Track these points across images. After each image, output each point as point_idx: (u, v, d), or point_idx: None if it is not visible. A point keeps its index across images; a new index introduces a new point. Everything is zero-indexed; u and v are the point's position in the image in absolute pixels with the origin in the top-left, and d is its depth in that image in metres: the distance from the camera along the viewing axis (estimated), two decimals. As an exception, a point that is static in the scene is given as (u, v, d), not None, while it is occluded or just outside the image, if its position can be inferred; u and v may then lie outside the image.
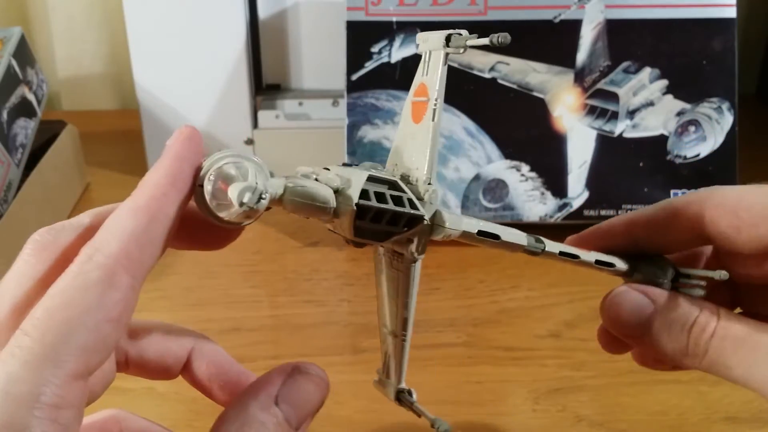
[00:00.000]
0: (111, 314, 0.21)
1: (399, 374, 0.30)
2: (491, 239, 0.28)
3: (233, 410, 0.24)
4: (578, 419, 0.43)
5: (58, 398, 0.19)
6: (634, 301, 0.29)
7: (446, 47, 0.26)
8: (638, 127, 0.61)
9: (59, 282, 0.21)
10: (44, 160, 0.63)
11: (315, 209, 0.25)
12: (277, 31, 0.74)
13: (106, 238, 0.22)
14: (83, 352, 0.20)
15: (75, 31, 0.88)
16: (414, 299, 0.29)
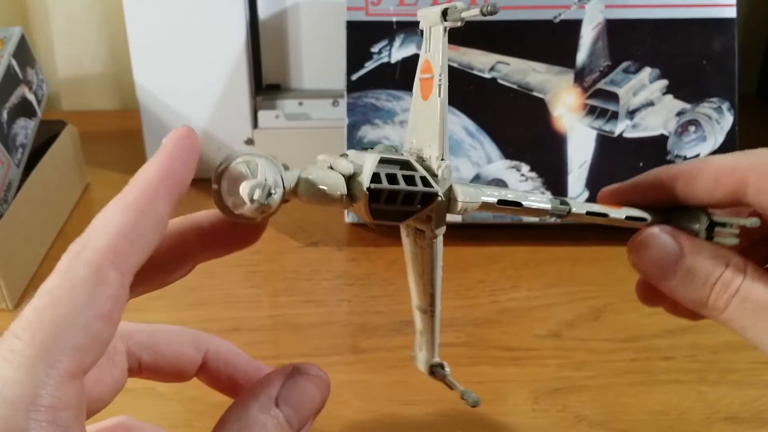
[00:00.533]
0: (101, 311, 0.20)
1: (432, 348, 0.31)
2: (513, 206, 0.28)
3: (234, 412, 0.24)
4: (578, 419, 0.43)
5: (55, 399, 0.19)
6: (663, 244, 0.29)
7: (444, 21, 0.27)
8: (638, 127, 0.61)
9: (47, 281, 0.21)
10: (44, 160, 0.62)
11: (327, 198, 0.25)
12: (277, 31, 0.74)
13: (94, 233, 0.21)
14: (75, 351, 0.20)
15: (75, 31, 0.88)
16: (439, 274, 0.29)
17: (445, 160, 0.27)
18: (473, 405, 0.29)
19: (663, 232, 0.29)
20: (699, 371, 0.47)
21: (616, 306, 0.53)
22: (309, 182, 0.25)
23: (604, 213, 0.30)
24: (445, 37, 0.27)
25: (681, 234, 0.29)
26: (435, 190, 0.26)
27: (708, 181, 0.29)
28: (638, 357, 0.48)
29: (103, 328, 0.20)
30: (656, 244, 0.29)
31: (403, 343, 0.50)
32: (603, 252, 0.60)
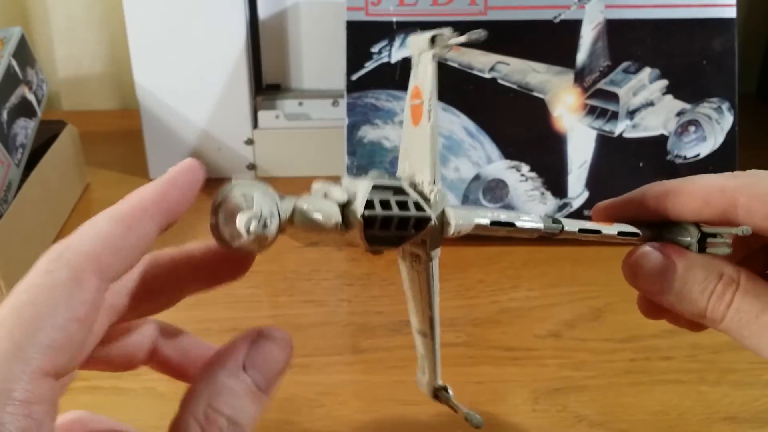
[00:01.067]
0: (77, 314, 0.21)
1: (434, 372, 0.31)
2: (506, 227, 0.29)
3: (202, 382, 0.24)
4: (578, 419, 0.43)
5: (29, 394, 0.19)
6: (655, 262, 0.29)
7: (432, 48, 0.27)
8: (638, 127, 0.61)
9: (27, 278, 0.21)
10: (44, 160, 0.63)
11: (322, 227, 0.25)
12: (277, 31, 0.74)
13: (79, 238, 0.22)
14: (50, 350, 0.20)
15: (75, 31, 0.88)
16: (436, 298, 0.29)
17: (437, 185, 0.27)
18: (477, 426, 0.29)
19: (655, 250, 0.30)
20: (699, 371, 0.47)
21: (616, 306, 0.53)
22: (303, 212, 0.25)
23: (596, 230, 0.31)
24: (434, 64, 0.27)
25: (673, 249, 0.30)
26: (428, 214, 0.27)
27: (696, 202, 0.29)
28: (638, 357, 0.48)
29: (77, 331, 0.21)
30: (649, 262, 0.30)
31: (403, 343, 0.50)
32: (603, 252, 0.60)
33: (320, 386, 0.46)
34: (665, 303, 0.30)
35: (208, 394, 0.23)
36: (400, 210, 0.26)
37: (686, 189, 0.30)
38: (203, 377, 0.24)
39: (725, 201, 0.29)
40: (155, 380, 0.23)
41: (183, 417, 0.23)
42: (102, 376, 0.46)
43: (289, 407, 0.44)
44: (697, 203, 0.29)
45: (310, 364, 0.48)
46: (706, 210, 0.29)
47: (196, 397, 0.23)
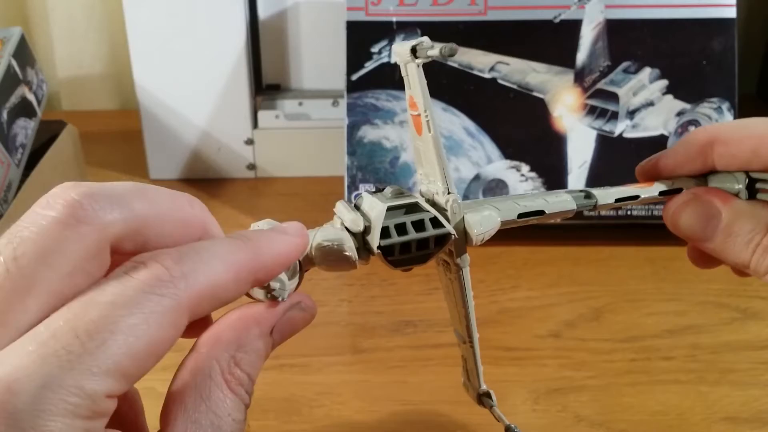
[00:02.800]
0: (159, 351, 0.20)
1: (477, 378, 0.31)
2: (535, 217, 0.28)
3: (233, 330, 0.24)
4: (578, 419, 0.43)
5: (92, 413, 0.19)
6: (700, 207, 0.28)
7: (415, 58, 0.27)
8: (638, 127, 0.61)
9: (124, 287, 0.20)
10: (44, 160, 0.62)
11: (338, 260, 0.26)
12: (277, 31, 0.74)
13: (196, 269, 0.21)
14: (123, 376, 0.19)
15: (75, 31, 0.88)
16: (471, 305, 0.29)
17: (452, 194, 0.27)
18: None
19: (700, 194, 0.29)
20: (699, 371, 0.47)
21: (616, 306, 0.53)
22: (321, 252, 0.26)
23: (635, 195, 0.30)
24: (420, 73, 0.27)
25: (719, 195, 0.28)
26: (446, 230, 0.26)
27: (745, 152, 0.28)
28: (638, 357, 0.48)
29: (150, 366, 0.20)
30: (693, 206, 0.28)
31: (403, 343, 0.50)
32: (603, 252, 0.60)
33: (320, 386, 0.46)
34: (709, 250, 0.29)
35: (236, 345, 0.23)
36: (417, 232, 0.26)
37: (734, 137, 0.28)
38: (236, 325, 0.24)
39: None
40: (155, 380, 0.23)
41: (206, 360, 0.23)
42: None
43: (289, 407, 0.44)
44: (745, 154, 0.28)
45: (310, 364, 0.48)
46: (756, 161, 0.28)
47: (223, 342, 0.23)
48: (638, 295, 0.55)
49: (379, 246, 0.25)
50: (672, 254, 0.59)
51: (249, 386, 0.23)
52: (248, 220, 0.66)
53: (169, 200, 0.23)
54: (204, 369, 0.22)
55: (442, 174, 0.28)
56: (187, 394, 0.22)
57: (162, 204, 0.23)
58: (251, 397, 0.24)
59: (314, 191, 0.71)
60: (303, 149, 0.73)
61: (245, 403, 0.23)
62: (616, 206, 0.30)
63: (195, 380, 0.22)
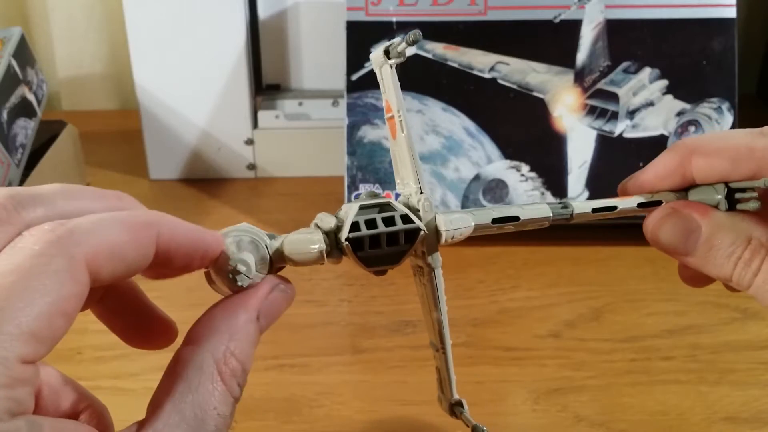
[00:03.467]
0: (66, 308, 0.20)
1: (449, 387, 0.30)
2: (511, 222, 0.28)
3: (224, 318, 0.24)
4: (578, 419, 0.43)
5: (10, 379, 0.19)
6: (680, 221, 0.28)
7: (387, 60, 0.28)
8: (638, 127, 0.61)
9: (18, 255, 0.20)
10: (44, 160, 0.63)
11: (309, 257, 0.26)
12: (277, 31, 0.74)
13: (82, 229, 0.21)
14: (32, 338, 0.19)
15: (75, 31, 0.88)
16: (443, 310, 0.29)
17: (423, 194, 0.28)
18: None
19: (679, 208, 0.28)
20: (699, 371, 0.47)
21: (616, 306, 0.53)
22: (289, 243, 0.26)
23: (612, 206, 0.30)
24: (394, 74, 0.28)
25: (698, 208, 0.28)
26: (416, 225, 0.26)
27: (723, 163, 0.28)
28: (638, 357, 0.48)
29: (62, 326, 0.20)
30: (673, 220, 0.28)
31: (403, 343, 0.50)
32: (603, 252, 0.60)
33: (320, 386, 0.46)
34: (691, 265, 0.28)
35: (229, 335, 0.23)
36: (387, 226, 0.26)
37: (712, 148, 0.28)
38: (225, 314, 0.24)
39: (755, 164, 0.27)
40: (155, 380, 0.23)
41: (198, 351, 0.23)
42: (102, 377, 0.46)
43: (289, 407, 0.44)
44: (724, 165, 0.28)
45: (310, 364, 0.48)
46: (735, 172, 0.28)
47: (216, 333, 0.23)
48: (638, 295, 0.55)
49: (347, 238, 0.26)
50: (672, 254, 0.59)
51: (242, 377, 0.23)
52: (248, 219, 0.66)
53: (96, 197, 0.24)
54: (195, 360, 0.23)
55: (415, 175, 0.28)
56: (176, 385, 0.22)
57: (87, 201, 0.23)
58: (242, 389, 0.24)
59: (314, 191, 0.71)
60: (303, 149, 0.73)
61: (234, 396, 0.23)
62: (593, 217, 0.30)
63: (185, 371, 0.22)
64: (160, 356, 0.24)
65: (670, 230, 0.28)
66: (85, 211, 0.23)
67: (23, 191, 0.22)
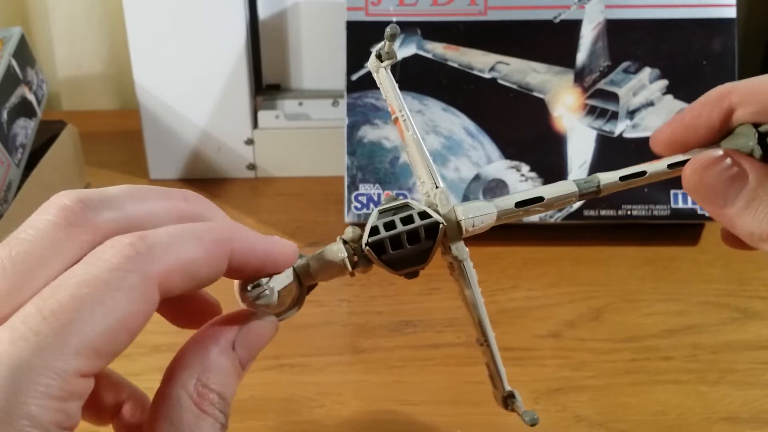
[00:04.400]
0: (132, 326, 0.20)
1: (500, 380, 0.30)
2: (536, 205, 0.28)
3: (194, 354, 0.24)
4: (578, 419, 0.43)
5: (65, 393, 0.19)
6: (724, 168, 0.26)
7: (381, 63, 0.28)
8: (638, 127, 0.61)
9: (92, 266, 0.20)
10: (44, 160, 0.63)
11: (333, 266, 0.26)
12: (277, 31, 0.74)
13: (163, 244, 0.21)
14: (94, 354, 0.19)
15: (75, 31, 0.88)
16: (479, 302, 0.29)
17: (439, 187, 0.27)
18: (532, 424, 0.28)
19: (726, 155, 0.27)
20: (699, 371, 0.47)
21: (616, 306, 0.53)
22: (314, 259, 0.27)
23: (640, 171, 0.28)
24: (389, 75, 0.28)
25: (745, 158, 0.26)
26: (433, 219, 0.26)
27: (762, 94, 0.27)
28: (638, 357, 0.48)
29: (125, 342, 0.20)
30: (719, 166, 0.26)
31: (403, 343, 0.50)
32: (603, 252, 0.60)
33: (320, 386, 0.46)
34: (722, 217, 0.27)
35: (201, 368, 0.23)
36: (405, 225, 0.26)
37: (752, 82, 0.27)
38: (194, 351, 0.24)
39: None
40: (157, 380, 0.23)
41: (172, 389, 0.23)
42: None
43: (289, 407, 0.44)
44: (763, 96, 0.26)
45: (310, 364, 0.48)
46: None
47: (188, 368, 0.23)
48: (638, 295, 0.55)
49: (367, 243, 0.26)
50: (672, 254, 0.59)
51: (222, 405, 0.23)
52: (248, 220, 0.66)
53: (162, 197, 0.24)
54: (172, 397, 0.23)
55: (427, 170, 0.28)
56: (159, 423, 0.22)
57: (154, 202, 0.24)
58: (227, 416, 0.24)
59: (314, 191, 0.71)
60: (303, 149, 0.73)
61: (220, 423, 0.23)
62: (622, 186, 0.28)
63: (165, 408, 0.22)
64: (160, 356, 0.24)
65: (714, 176, 0.27)
66: (153, 214, 0.23)
67: (92, 194, 0.22)
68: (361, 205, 0.61)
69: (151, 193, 0.24)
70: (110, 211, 0.22)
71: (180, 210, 0.24)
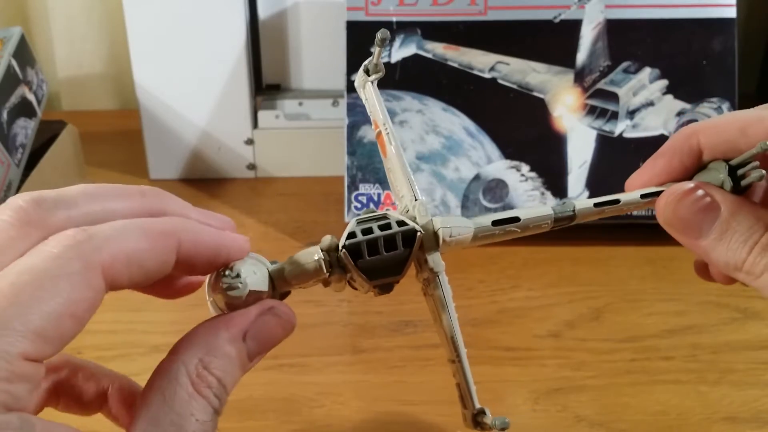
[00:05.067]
0: (76, 311, 0.20)
1: (470, 399, 0.30)
2: (512, 225, 0.28)
3: (203, 334, 0.24)
4: (578, 419, 0.43)
5: (9, 374, 0.19)
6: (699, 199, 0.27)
7: (369, 77, 0.28)
8: (638, 127, 0.61)
9: (34, 256, 0.21)
10: (44, 160, 0.63)
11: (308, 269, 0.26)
12: (277, 31, 0.74)
13: (102, 234, 0.21)
14: (38, 337, 0.20)
15: (75, 31, 0.88)
16: (453, 317, 0.29)
17: (418, 200, 0.28)
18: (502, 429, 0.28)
19: (697, 187, 0.27)
20: (699, 371, 0.47)
21: (616, 306, 0.53)
22: (288, 263, 0.26)
23: (614, 200, 0.29)
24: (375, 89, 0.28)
25: (717, 190, 0.27)
26: (411, 226, 0.26)
27: (733, 133, 0.27)
28: (638, 357, 0.48)
29: (71, 328, 0.21)
30: (692, 197, 0.27)
31: (403, 343, 0.50)
32: (603, 252, 0.60)
33: (320, 386, 0.46)
34: (699, 249, 0.27)
35: (206, 349, 0.24)
36: (382, 231, 0.26)
37: (720, 121, 0.28)
38: (204, 332, 0.24)
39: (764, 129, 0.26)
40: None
41: (173, 364, 0.23)
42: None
43: (289, 407, 0.44)
44: (734, 136, 0.27)
45: (310, 364, 0.48)
46: (743, 140, 0.27)
47: (192, 347, 0.24)
48: (638, 295, 0.55)
49: (344, 245, 0.26)
50: (672, 254, 0.59)
51: (219, 390, 0.23)
52: (248, 220, 0.66)
53: (118, 195, 0.24)
54: (171, 371, 0.23)
55: (407, 184, 0.28)
56: (152, 394, 0.22)
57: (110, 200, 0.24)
58: (223, 402, 0.24)
59: (314, 191, 0.71)
60: (303, 149, 0.73)
61: (213, 407, 0.23)
62: (596, 212, 0.29)
63: (161, 382, 0.23)
64: (160, 357, 0.24)
65: (687, 208, 0.27)
66: (109, 211, 0.23)
67: (47, 194, 0.23)
68: (361, 205, 0.61)
69: (108, 191, 0.24)
70: (64, 210, 0.23)
71: (136, 207, 0.24)
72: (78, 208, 0.23)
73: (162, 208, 0.25)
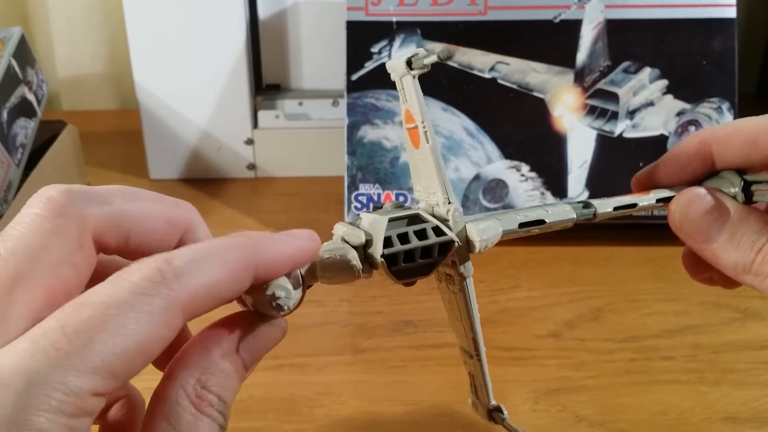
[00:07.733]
0: (150, 350, 0.20)
1: (486, 393, 0.30)
2: (537, 226, 0.28)
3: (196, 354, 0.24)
4: (578, 419, 0.43)
5: (77, 410, 0.19)
6: (710, 203, 0.28)
7: (410, 70, 0.27)
8: (638, 127, 0.61)
9: (116, 288, 0.20)
10: (44, 160, 0.63)
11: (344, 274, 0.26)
12: (277, 31, 0.74)
13: (189, 269, 0.21)
14: (111, 375, 0.19)
15: (75, 31, 0.88)
16: (476, 317, 0.29)
17: (452, 204, 0.27)
18: None
19: (709, 193, 0.28)
20: (699, 371, 0.47)
21: (616, 306, 0.53)
22: (323, 265, 0.26)
23: (632, 203, 0.30)
24: (416, 84, 0.27)
25: (727, 198, 0.28)
26: (449, 237, 0.26)
27: (744, 144, 0.28)
28: (638, 357, 0.48)
29: (141, 366, 0.20)
30: (703, 203, 0.28)
31: (403, 343, 0.50)
32: (603, 252, 0.60)
33: (320, 386, 0.46)
34: (707, 252, 0.28)
35: (201, 369, 0.23)
36: (420, 239, 0.26)
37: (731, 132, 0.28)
38: (196, 351, 0.24)
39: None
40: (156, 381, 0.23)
41: (171, 389, 0.23)
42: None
43: (289, 407, 0.44)
44: (744, 146, 0.28)
45: (310, 364, 0.48)
46: (755, 152, 0.28)
47: (188, 368, 0.23)
48: (638, 295, 0.55)
49: (383, 255, 0.25)
50: (672, 254, 0.58)
51: (222, 407, 0.23)
52: (248, 220, 0.66)
53: (152, 198, 0.24)
54: (170, 396, 0.22)
55: (441, 185, 0.28)
56: (157, 422, 0.22)
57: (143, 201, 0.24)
58: (226, 417, 0.23)
59: (314, 191, 0.71)
60: (303, 149, 0.73)
61: (218, 423, 0.23)
62: (615, 215, 0.30)
63: (163, 408, 0.22)
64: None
65: (699, 212, 0.28)
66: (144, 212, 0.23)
67: (78, 187, 0.22)
68: (361, 205, 0.61)
69: (141, 193, 0.24)
70: (98, 206, 0.22)
71: (169, 213, 0.24)
72: (113, 204, 0.22)
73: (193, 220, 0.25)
